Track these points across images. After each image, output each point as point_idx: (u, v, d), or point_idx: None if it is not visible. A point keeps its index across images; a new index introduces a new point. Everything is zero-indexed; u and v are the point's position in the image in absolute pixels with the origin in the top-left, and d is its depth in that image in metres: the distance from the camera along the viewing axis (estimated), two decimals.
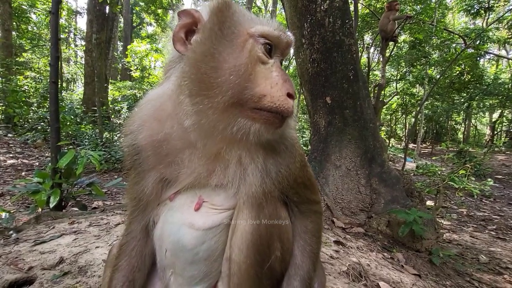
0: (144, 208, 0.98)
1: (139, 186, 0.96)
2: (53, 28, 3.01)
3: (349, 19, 3.50)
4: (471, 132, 26.35)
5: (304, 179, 0.96)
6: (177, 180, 0.93)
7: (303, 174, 0.96)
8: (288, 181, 0.90)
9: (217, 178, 0.89)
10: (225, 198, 0.91)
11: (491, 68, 22.28)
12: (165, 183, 0.96)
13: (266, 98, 0.75)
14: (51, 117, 3.08)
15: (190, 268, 0.92)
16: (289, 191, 0.94)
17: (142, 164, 0.94)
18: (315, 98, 3.67)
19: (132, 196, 0.99)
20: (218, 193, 0.91)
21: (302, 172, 0.95)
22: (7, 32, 11.74)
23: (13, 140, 8.85)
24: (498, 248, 4.16)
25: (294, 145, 0.94)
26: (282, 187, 0.90)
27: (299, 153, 0.95)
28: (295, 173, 0.91)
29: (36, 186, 2.98)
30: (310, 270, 0.97)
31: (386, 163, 3.54)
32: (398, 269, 2.50)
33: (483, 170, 10.22)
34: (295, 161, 0.92)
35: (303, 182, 0.97)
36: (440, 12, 15.41)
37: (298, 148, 0.96)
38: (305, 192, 0.98)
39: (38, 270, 1.70)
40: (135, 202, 0.98)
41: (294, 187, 0.94)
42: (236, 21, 0.80)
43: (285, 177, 0.89)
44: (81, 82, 25.36)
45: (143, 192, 0.95)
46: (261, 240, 0.84)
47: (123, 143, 0.97)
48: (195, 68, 0.76)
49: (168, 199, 0.96)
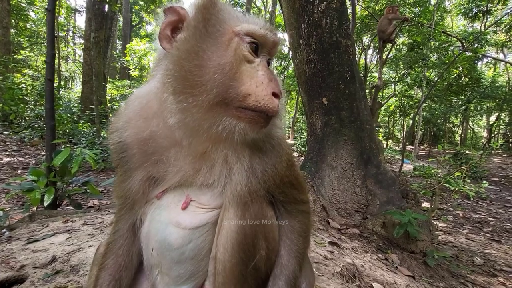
0: (131, 206, 0.98)
1: (126, 184, 0.95)
2: (49, 25, 3.01)
3: (347, 20, 3.51)
4: (468, 134, 26.49)
5: (291, 178, 0.96)
6: (164, 178, 0.93)
7: (290, 174, 0.95)
8: (274, 180, 0.90)
9: (203, 177, 0.88)
10: (212, 197, 0.91)
11: (488, 71, 22.43)
12: (152, 181, 0.96)
13: (251, 97, 0.75)
14: (47, 114, 3.07)
15: (177, 267, 0.91)
16: (275, 190, 0.93)
17: (128, 162, 0.94)
18: (312, 99, 3.67)
19: (119, 194, 0.98)
20: (205, 192, 0.91)
21: (289, 171, 0.94)
22: (5, 29, 11.68)
23: (10, 138, 8.80)
24: (493, 250, 4.18)
25: (281, 144, 0.93)
26: (268, 186, 0.90)
27: (286, 153, 0.94)
28: (281, 172, 0.91)
29: (30, 184, 2.96)
30: (295, 270, 0.96)
31: (382, 164, 3.55)
32: (392, 270, 2.50)
33: (480, 172, 10.27)
34: (282, 161, 0.92)
35: (290, 182, 0.96)
36: (438, 15, 15.48)
37: (286, 147, 0.95)
38: (292, 191, 0.98)
39: (30, 268, 1.69)
40: (122, 200, 0.98)
41: (281, 187, 0.93)
42: (221, 19, 0.80)
43: (271, 177, 0.89)
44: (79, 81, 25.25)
45: (130, 190, 0.95)
46: (246, 239, 0.84)
47: (110, 140, 0.96)
48: (178, 66, 0.76)
49: (156, 198, 0.96)
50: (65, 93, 19.51)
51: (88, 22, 13.05)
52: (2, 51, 11.50)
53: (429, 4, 13.76)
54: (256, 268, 0.88)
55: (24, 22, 17.16)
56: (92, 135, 9.12)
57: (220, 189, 0.88)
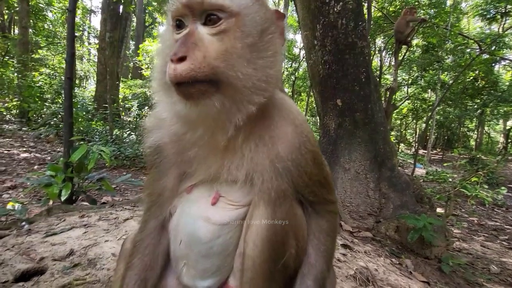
0: (162, 203, 1.00)
1: (161, 183, 0.98)
2: (69, 25, 3.09)
3: (362, 21, 3.47)
4: (484, 139, 25.73)
5: (319, 177, 0.94)
6: (194, 173, 0.95)
7: (318, 172, 0.94)
8: (301, 178, 0.88)
9: (228, 171, 0.89)
10: (242, 194, 0.92)
11: (506, 74, 21.72)
12: (183, 176, 0.99)
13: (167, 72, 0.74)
14: (65, 112, 3.15)
15: (203, 261, 0.92)
16: (304, 190, 0.92)
17: (162, 162, 0.97)
18: (326, 100, 3.64)
19: (151, 192, 1.00)
20: (235, 189, 0.91)
21: (317, 169, 0.93)
22: (24, 29, 12.06)
23: (27, 134, 9.07)
24: (510, 259, 4.05)
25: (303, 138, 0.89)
26: (296, 184, 0.89)
27: (311, 150, 0.90)
28: (307, 169, 0.89)
29: (48, 179, 3.04)
30: (324, 269, 0.95)
31: (396, 167, 3.50)
32: (406, 276, 2.46)
33: (496, 178, 9.96)
34: (306, 158, 0.89)
35: (319, 180, 0.94)
36: (454, 17, 15.13)
37: (309, 143, 0.90)
38: (322, 191, 0.96)
39: (49, 261, 1.73)
40: (154, 198, 1.00)
41: (310, 185, 0.92)
42: None
43: (296, 172, 0.87)
44: (93, 80, 25.82)
45: (164, 188, 0.98)
46: (276, 236, 0.84)
47: (144, 143, 0.99)
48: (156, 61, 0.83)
49: (185, 192, 0.97)
50: (80, 92, 19.97)
51: (103, 22, 13.32)
52: (21, 50, 11.86)
53: (445, 6, 13.47)
54: (285, 266, 0.88)
55: (42, 22, 17.68)
56: (105, 133, 9.30)
57: (246, 184, 0.88)
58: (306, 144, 0.89)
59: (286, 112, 0.91)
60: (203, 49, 0.72)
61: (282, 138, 0.87)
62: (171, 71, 0.71)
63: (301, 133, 0.89)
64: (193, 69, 0.70)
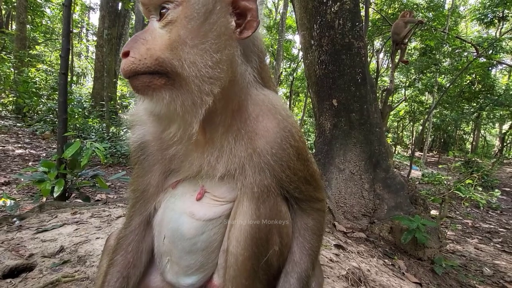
0: (147, 200, 0.99)
1: (145, 179, 0.97)
2: (65, 20, 3.06)
3: (359, 21, 3.48)
4: (480, 142, 25.90)
5: (304, 174, 0.93)
6: (179, 170, 0.95)
7: (303, 168, 0.91)
8: (284, 173, 0.87)
9: (208, 166, 0.88)
10: (227, 190, 0.91)
11: (503, 79, 21.93)
12: (168, 173, 0.98)
13: None
14: (59, 107, 3.12)
15: (187, 257, 0.92)
16: (289, 186, 0.90)
17: (147, 159, 0.97)
18: (322, 100, 3.64)
19: (136, 188, 1.00)
20: (220, 185, 0.91)
21: (302, 165, 0.91)
22: (21, 25, 11.98)
23: (22, 131, 9.00)
24: (503, 261, 4.07)
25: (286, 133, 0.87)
26: (280, 179, 0.87)
27: (294, 145, 0.87)
28: (291, 164, 0.87)
29: (41, 175, 3.01)
30: (308, 268, 0.94)
31: (391, 168, 3.50)
32: (398, 277, 2.46)
33: (491, 181, 10.04)
34: (289, 152, 0.87)
35: (305, 177, 0.93)
36: (452, 20, 15.23)
37: (291, 139, 0.87)
38: (308, 188, 0.95)
39: (39, 257, 1.71)
40: (138, 194, 0.99)
41: (294, 182, 0.90)
42: None
43: (279, 168, 0.86)
44: (91, 77, 25.70)
45: (149, 184, 0.97)
46: (260, 233, 0.83)
47: (130, 139, 0.99)
48: None
49: (170, 187, 0.97)
50: (77, 89, 19.86)
51: (101, 19, 13.27)
52: (18, 46, 11.79)
53: (443, 9, 13.54)
54: (268, 263, 0.87)
55: (40, 18, 17.54)
56: (102, 130, 9.26)
57: (228, 178, 0.88)
58: (289, 139, 0.86)
59: (267, 107, 0.88)
60: (150, 43, 0.73)
61: (261, 133, 0.85)
62: (121, 67, 0.74)
63: (284, 128, 0.87)
64: (133, 62, 0.72)
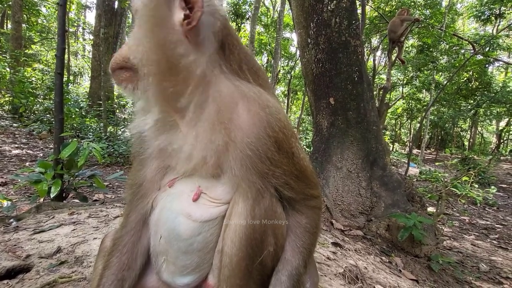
0: (144, 195, 0.99)
1: (141, 173, 0.99)
2: (60, 19, 3.04)
3: (356, 20, 3.48)
4: (477, 139, 26.04)
5: (290, 168, 0.89)
6: (175, 167, 0.95)
7: (287, 161, 0.88)
8: (265, 164, 0.84)
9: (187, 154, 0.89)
10: (223, 191, 0.91)
11: (499, 76, 22.00)
12: (165, 170, 0.99)
13: None
14: (56, 107, 3.11)
15: (183, 257, 0.92)
16: (277, 181, 0.87)
17: (145, 153, 0.98)
18: (319, 98, 3.65)
19: (133, 182, 1.01)
20: (216, 186, 0.91)
21: (285, 158, 0.87)
22: (17, 24, 11.87)
23: (19, 131, 8.94)
24: (500, 257, 4.11)
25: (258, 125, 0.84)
26: (262, 173, 0.84)
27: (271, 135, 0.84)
28: (268, 155, 0.84)
29: (38, 176, 2.99)
30: (299, 265, 0.93)
31: (388, 166, 3.51)
32: (395, 274, 2.48)
33: (488, 178, 10.10)
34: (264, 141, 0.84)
35: (292, 172, 0.89)
36: (450, 18, 15.25)
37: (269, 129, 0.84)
38: (299, 184, 0.92)
39: (36, 258, 1.71)
40: (135, 188, 1.00)
41: (280, 176, 0.87)
42: None
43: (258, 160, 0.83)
44: (88, 76, 25.58)
45: (145, 178, 0.99)
46: (255, 234, 0.83)
47: (131, 134, 1.01)
48: None
49: (167, 185, 0.97)
50: (74, 88, 19.75)
51: (97, 18, 13.16)
52: (14, 45, 11.69)
53: (440, 6, 13.56)
54: (262, 264, 0.87)
55: (35, 17, 17.42)
56: (99, 130, 9.22)
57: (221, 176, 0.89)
58: (265, 129, 0.83)
59: (241, 98, 0.86)
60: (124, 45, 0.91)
61: (236, 123, 0.84)
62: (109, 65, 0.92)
63: (259, 118, 0.84)
64: (113, 61, 0.90)
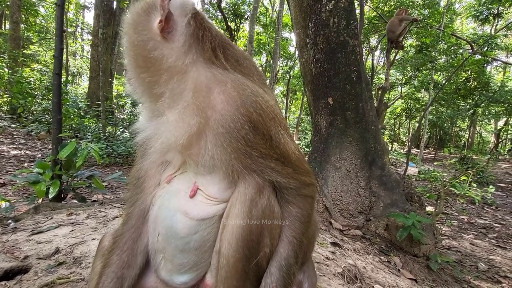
0: (142, 188, 1.01)
1: (142, 166, 1.02)
2: (58, 20, 3.03)
3: (354, 20, 3.48)
4: (476, 139, 26.11)
5: (270, 152, 0.88)
6: (172, 162, 0.99)
7: (264, 143, 0.87)
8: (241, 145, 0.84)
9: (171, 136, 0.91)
10: (220, 189, 0.92)
11: (498, 75, 22.07)
12: (164, 165, 1.02)
13: None
14: (53, 108, 3.10)
15: (181, 255, 0.92)
16: (257, 165, 0.87)
17: (147, 149, 1.00)
18: (317, 98, 3.65)
19: (132, 176, 1.04)
20: (212, 183, 0.92)
21: (262, 139, 0.87)
22: (15, 24, 11.84)
23: (17, 131, 8.92)
24: (498, 256, 4.12)
25: (231, 107, 0.85)
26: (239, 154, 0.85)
27: (245, 116, 0.85)
28: (242, 134, 0.84)
29: (36, 176, 2.98)
30: (289, 256, 0.90)
31: (387, 166, 3.52)
32: (394, 273, 2.48)
33: (486, 177, 10.12)
34: (238, 122, 0.84)
35: (271, 156, 0.88)
36: (448, 17, 15.28)
37: (242, 109, 0.85)
38: (286, 170, 0.90)
39: (34, 259, 1.71)
40: (134, 181, 1.03)
41: (260, 160, 0.87)
42: None
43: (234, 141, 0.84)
44: (86, 76, 25.52)
45: (143, 170, 1.02)
46: (251, 235, 0.84)
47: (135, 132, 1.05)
48: None
49: (165, 182, 0.98)
50: (72, 88, 19.71)
51: (96, 18, 13.15)
52: (12, 45, 11.65)
53: (439, 6, 13.58)
54: (258, 265, 0.87)
55: (33, 17, 17.36)
56: (98, 130, 9.20)
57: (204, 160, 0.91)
58: (239, 108, 0.84)
59: (216, 83, 0.89)
60: None
61: (211, 104, 0.87)
62: None
63: (233, 98, 0.85)
64: None
